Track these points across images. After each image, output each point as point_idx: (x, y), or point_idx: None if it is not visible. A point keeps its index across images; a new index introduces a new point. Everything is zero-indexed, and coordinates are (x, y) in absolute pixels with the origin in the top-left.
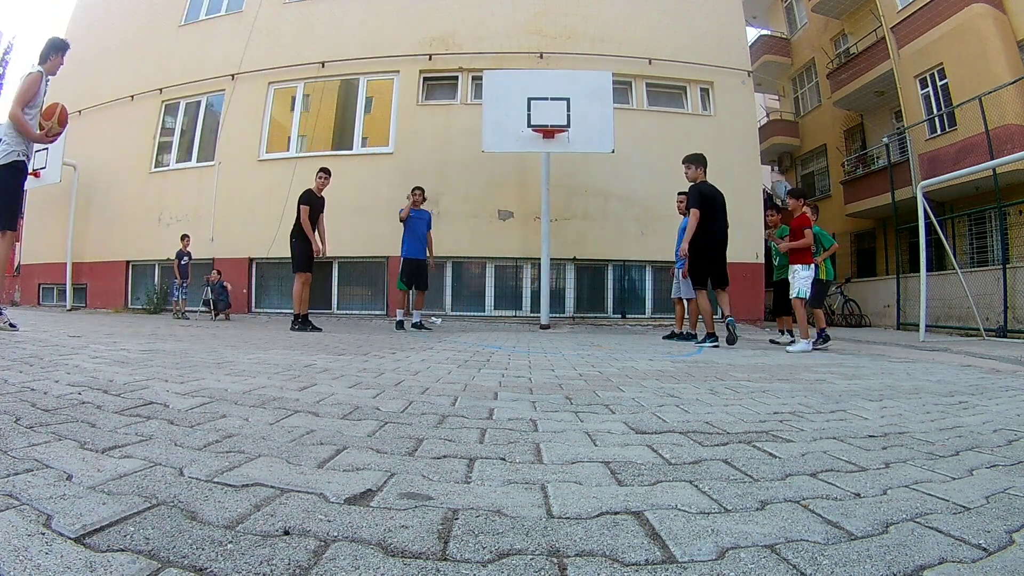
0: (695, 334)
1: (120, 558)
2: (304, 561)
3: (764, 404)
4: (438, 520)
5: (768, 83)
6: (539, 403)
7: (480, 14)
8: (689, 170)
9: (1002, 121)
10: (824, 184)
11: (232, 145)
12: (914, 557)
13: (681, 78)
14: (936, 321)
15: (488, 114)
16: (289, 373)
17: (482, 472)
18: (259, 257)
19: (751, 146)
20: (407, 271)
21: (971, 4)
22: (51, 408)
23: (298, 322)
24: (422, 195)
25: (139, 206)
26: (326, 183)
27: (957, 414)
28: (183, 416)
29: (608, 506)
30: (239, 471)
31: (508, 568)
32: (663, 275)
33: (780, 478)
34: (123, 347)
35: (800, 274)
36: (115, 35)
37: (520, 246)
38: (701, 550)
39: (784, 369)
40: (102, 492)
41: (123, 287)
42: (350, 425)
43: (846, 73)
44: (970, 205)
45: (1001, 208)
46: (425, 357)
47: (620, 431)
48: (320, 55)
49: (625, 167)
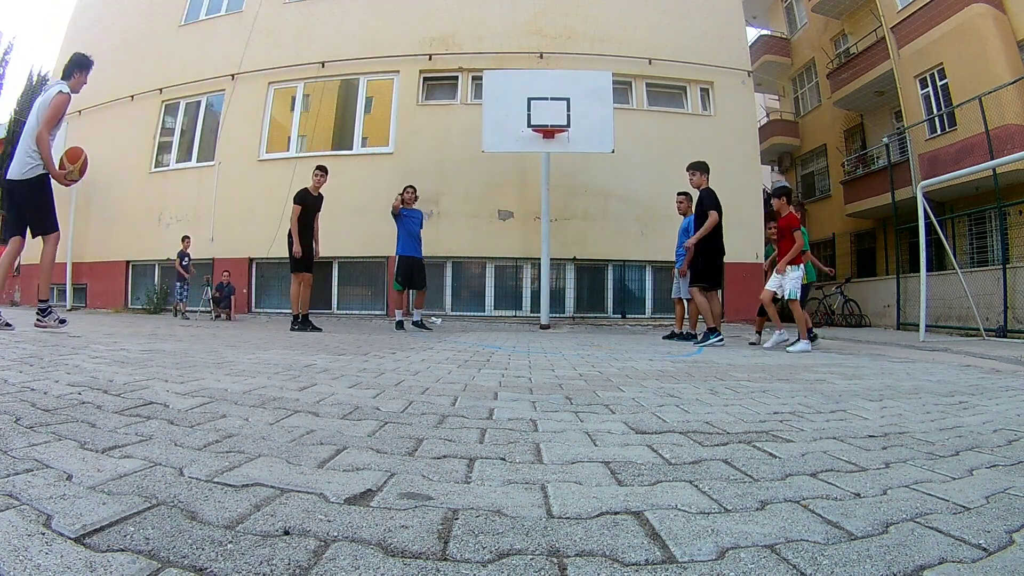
0: (695, 334)
1: (120, 558)
2: (304, 561)
3: (764, 404)
4: (438, 520)
5: (768, 83)
6: (539, 403)
7: (480, 14)
8: (694, 177)
9: (1002, 121)
10: (824, 184)
11: (232, 145)
12: (914, 557)
13: (681, 78)
14: (936, 321)
15: (488, 114)
16: (289, 373)
17: (482, 472)
18: (259, 257)
19: (751, 146)
20: (403, 270)
21: (971, 4)
22: (51, 408)
23: (298, 322)
24: (414, 194)
25: (139, 206)
26: (323, 181)
27: (957, 414)
28: (183, 416)
29: (608, 506)
30: (239, 471)
31: (508, 568)
32: (663, 275)
33: (780, 478)
34: (123, 347)
35: (791, 275)
36: (115, 35)
37: (520, 246)
38: (701, 550)
39: (784, 369)
40: (102, 492)
41: (123, 287)
42: (350, 425)
43: (846, 73)
44: (970, 205)
45: (1001, 208)
46: (425, 357)
47: (620, 431)
48: (320, 55)
49: (625, 167)
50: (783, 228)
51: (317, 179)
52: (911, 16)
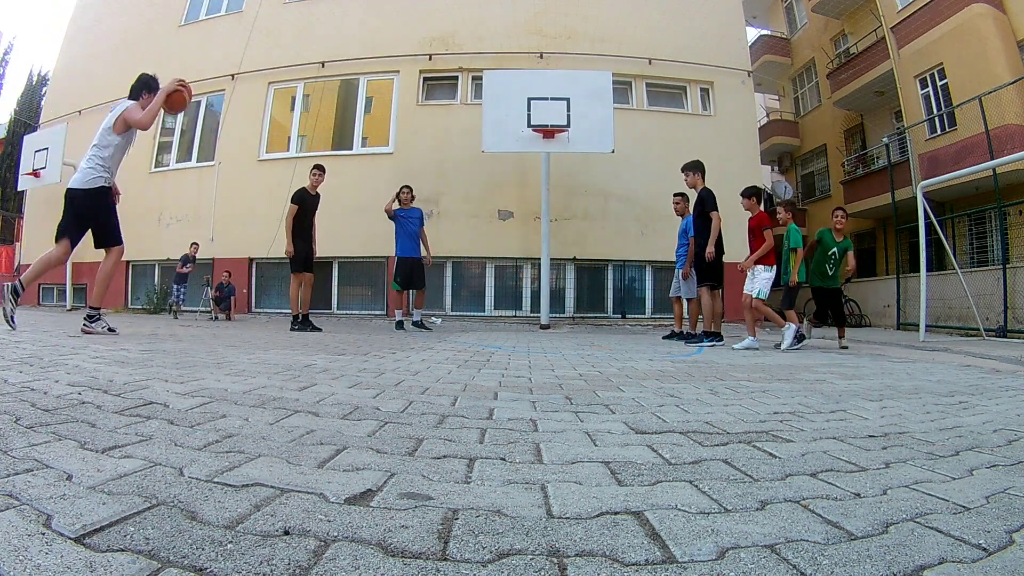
0: (695, 334)
1: (120, 558)
2: (304, 561)
3: (764, 404)
4: (438, 520)
5: (768, 83)
6: (539, 403)
7: (480, 14)
8: (688, 177)
9: (1002, 121)
10: (824, 184)
11: (232, 145)
12: (914, 557)
13: (681, 78)
14: (936, 321)
15: (488, 114)
16: (289, 373)
17: (482, 472)
18: (259, 257)
19: (751, 146)
20: (401, 271)
21: (971, 4)
22: (51, 408)
23: (298, 322)
24: (410, 194)
25: (139, 206)
26: (320, 180)
27: (957, 414)
28: (183, 416)
29: (608, 506)
30: (239, 471)
31: (508, 568)
32: (663, 275)
33: (780, 478)
34: (123, 347)
35: (762, 275)
36: (115, 35)
37: (520, 246)
38: (701, 550)
39: (784, 369)
40: (102, 492)
41: (123, 287)
42: (350, 425)
43: (846, 73)
44: (970, 205)
45: (1001, 208)
46: (425, 357)
47: (620, 431)
48: (320, 55)
49: (625, 167)
50: (753, 227)
51: (315, 178)
52: (911, 16)
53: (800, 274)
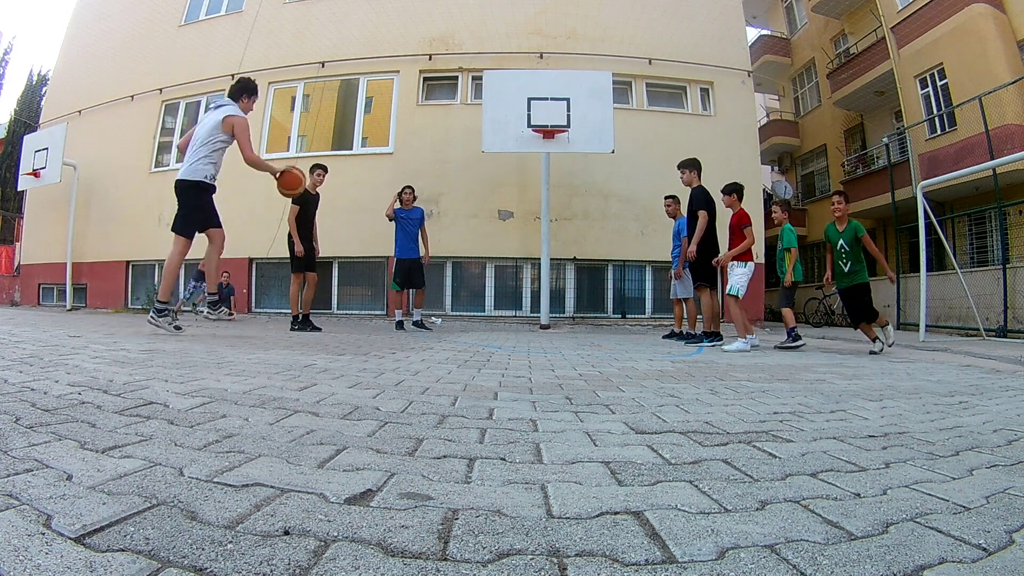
0: (695, 334)
1: (120, 558)
2: (304, 561)
3: (764, 404)
4: (438, 520)
5: (768, 83)
6: (539, 403)
7: (480, 14)
8: (684, 175)
9: (1002, 121)
10: (824, 184)
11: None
12: (914, 557)
13: (681, 78)
14: (936, 321)
15: (488, 114)
16: (289, 373)
17: (482, 472)
18: (259, 257)
19: (751, 146)
20: (400, 272)
21: (971, 4)
22: (51, 408)
23: (298, 322)
24: (412, 194)
25: (139, 206)
26: (322, 180)
27: (957, 414)
28: (183, 416)
29: (608, 506)
30: (239, 471)
31: (508, 568)
32: (663, 275)
33: (780, 478)
34: (123, 347)
35: (736, 271)
36: (115, 35)
37: (520, 246)
38: (701, 550)
39: (784, 369)
40: (102, 492)
41: (123, 287)
42: (350, 425)
43: (846, 73)
44: (970, 205)
45: (1001, 208)
46: (425, 357)
47: (620, 431)
48: (320, 55)
49: (625, 167)
50: (733, 225)
51: (318, 178)
52: (911, 16)
53: (796, 274)
